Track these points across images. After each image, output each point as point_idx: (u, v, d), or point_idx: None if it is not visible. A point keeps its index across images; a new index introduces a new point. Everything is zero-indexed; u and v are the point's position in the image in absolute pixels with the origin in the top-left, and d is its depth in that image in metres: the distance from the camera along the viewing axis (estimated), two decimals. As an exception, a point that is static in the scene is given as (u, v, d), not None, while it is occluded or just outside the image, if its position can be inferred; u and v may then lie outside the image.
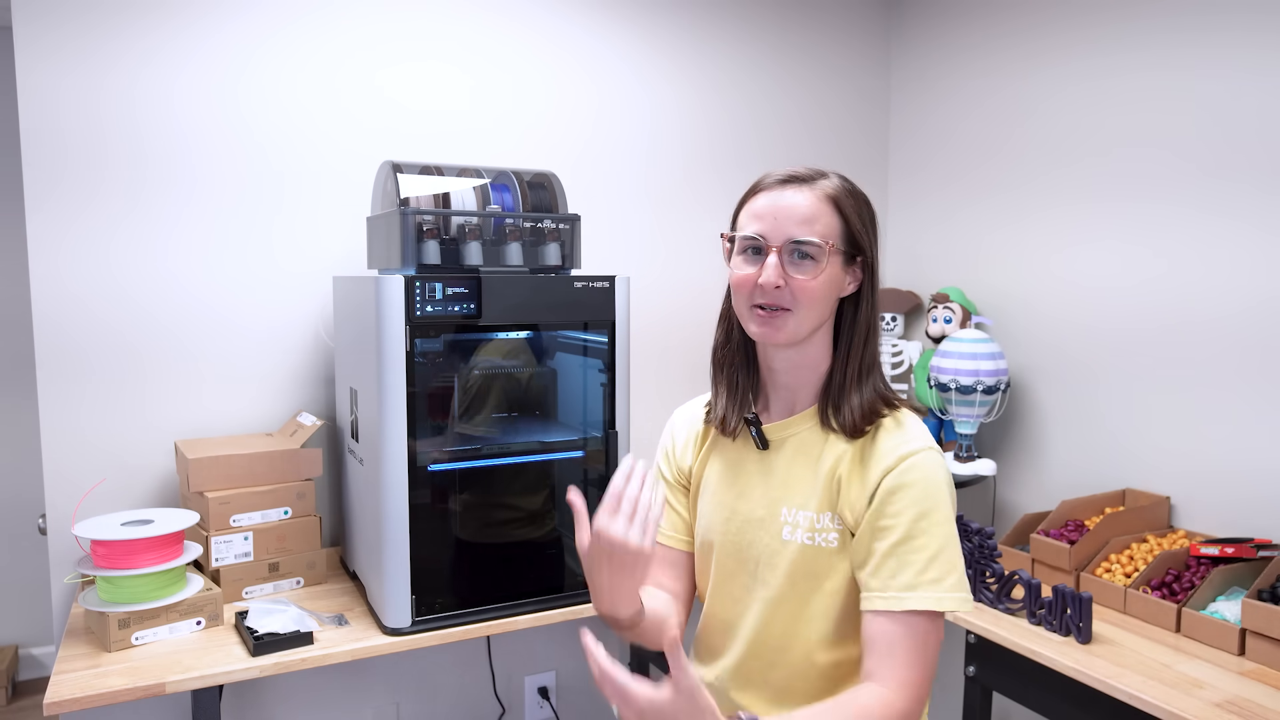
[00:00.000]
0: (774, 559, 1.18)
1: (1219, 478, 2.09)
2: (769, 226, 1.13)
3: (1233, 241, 2.04)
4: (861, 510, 1.12)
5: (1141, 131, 2.21)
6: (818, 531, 1.15)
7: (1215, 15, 2.05)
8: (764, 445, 1.21)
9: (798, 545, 1.16)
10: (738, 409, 1.24)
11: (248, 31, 2.14)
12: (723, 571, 1.24)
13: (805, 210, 1.12)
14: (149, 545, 1.75)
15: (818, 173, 1.16)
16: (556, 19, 2.47)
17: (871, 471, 1.13)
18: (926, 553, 1.08)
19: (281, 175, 2.20)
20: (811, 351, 1.19)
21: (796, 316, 1.13)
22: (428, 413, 1.89)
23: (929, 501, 1.10)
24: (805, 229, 1.11)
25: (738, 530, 1.22)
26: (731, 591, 1.23)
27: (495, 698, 2.52)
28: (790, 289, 1.12)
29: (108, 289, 2.05)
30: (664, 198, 2.65)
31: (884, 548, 1.09)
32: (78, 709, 1.55)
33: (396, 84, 2.30)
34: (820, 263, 1.12)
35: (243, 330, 2.19)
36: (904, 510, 1.10)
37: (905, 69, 2.92)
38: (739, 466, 1.24)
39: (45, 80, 1.96)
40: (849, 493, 1.14)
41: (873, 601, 1.09)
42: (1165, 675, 1.65)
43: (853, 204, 1.15)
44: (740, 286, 1.16)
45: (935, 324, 2.60)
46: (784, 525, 1.18)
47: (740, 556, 1.22)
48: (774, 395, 1.23)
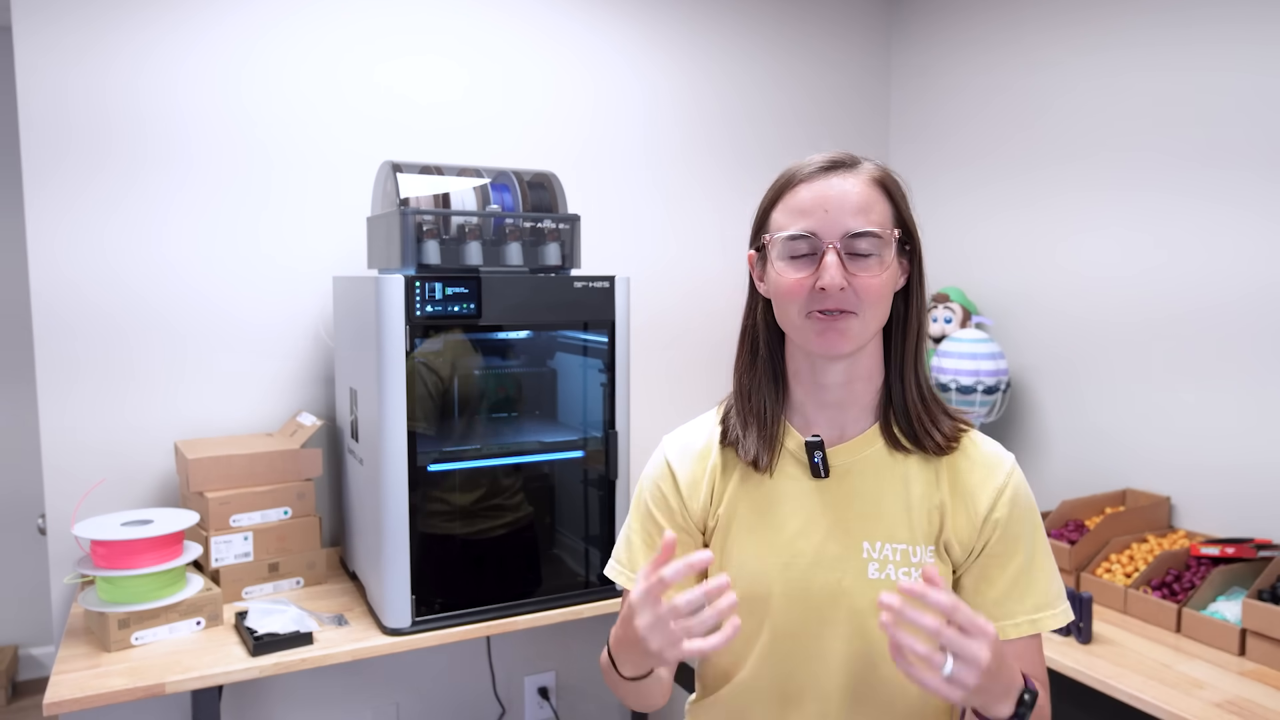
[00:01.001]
0: (858, 603, 1.03)
1: (1219, 478, 2.09)
2: (820, 221, 0.99)
3: (1235, 230, 2.04)
4: (970, 537, 1.04)
5: (1143, 121, 2.21)
6: (914, 566, 1.03)
7: (1216, 6, 2.05)
8: (825, 472, 1.06)
9: (891, 584, 1.02)
10: (769, 439, 1.08)
11: (247, 27, 2.14)
12: (784, 630, 1.06)
13: (858, 198, 1.00)
14: (149, 545, 1.75)
15: (855, 157, 1.04)
16: (555, 14, 2.48)
17: (979, 495, 1.04)
18: (1046, 573, 1.05)
19: (285, 174, 2.19)
20: (866, 361, 1.06)
21: (862, 319, 1.00)
22: (428, 413, 1.89)
23: (1035, 517, 1.06)
24: (862, 219, 0.99)
25: (803, 575, 1.05)
26: (795, 648, 1.06)
27: (495, 698, 2.52)
28: (854, 289, 0.99)
29: (105, 278, 2.04)
30: (665, 189, 2.65)
31: (1012, 574, 1.03)
32: (78, 709, 1.55)
33: (396, 79, 2.30)
34: (882, 256, 1.00)
35: (243, 330, 2.18)
36: (1023, 533, 1.04)
37: (905, 66, 2.91)
38: (785, 500, 1.07)
39: (46, 78, 1.96)
40: (955, 520, 1.04)
41: (1006, 631, 1.02)
42: (1165, 675, 1.65)
43: (898, 186, 1.04)
44: (793, 294, 1.01)
45: (935, 324, 2.60)
46: (869, 563, 1.03)
47: (810, 606, 1.04)
48: (817, 417, 1.08)
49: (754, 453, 1.07)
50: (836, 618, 1.04)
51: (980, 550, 1.04)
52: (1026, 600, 1.03)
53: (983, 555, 1.04)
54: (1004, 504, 1.03)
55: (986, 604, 1.04)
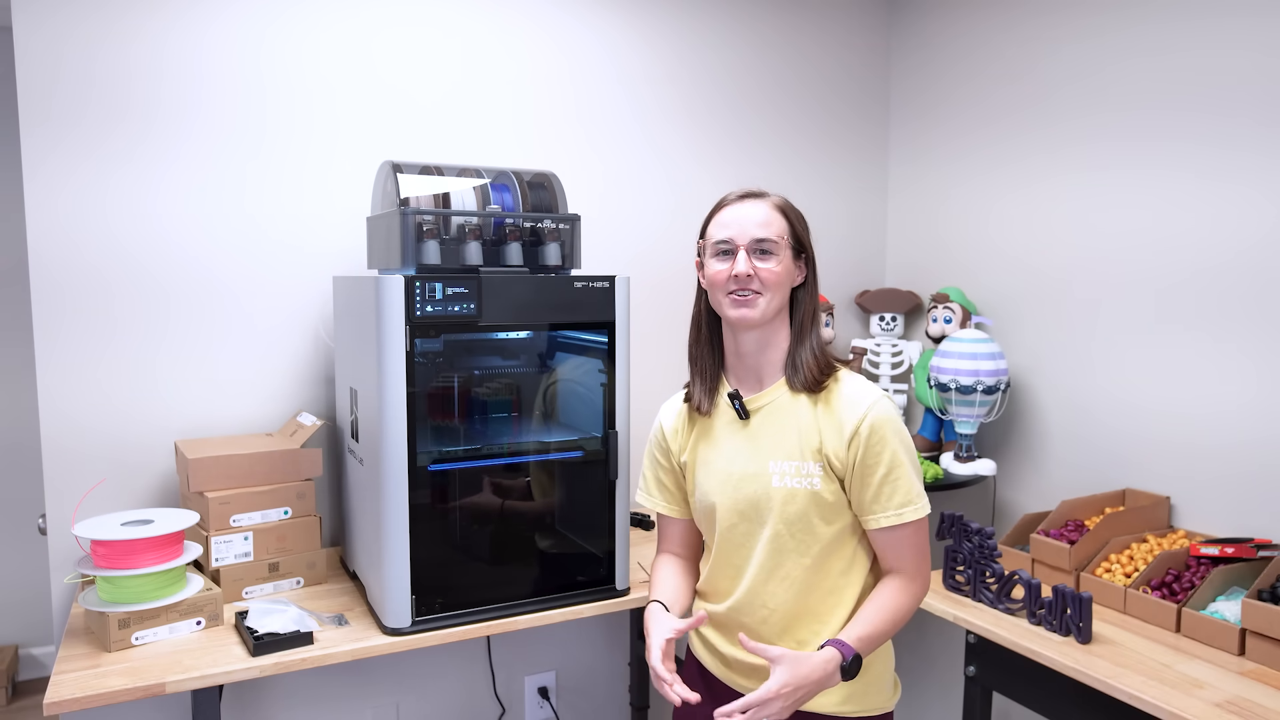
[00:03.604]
0: (768, 503, 1.46)
1: (1219, 478, 2.09)
2: (736, 231, 1.45)
3: (1238, 218, 2.04)
4: (843, 452, 1.43)
5: (1146, 89, 2.21)
6: (802, 476, 1.45)
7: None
8: (745, 415, 1.51)
9: (787, 489, 1.45)
10: (709, 391, 1.55)
11: (246, 25, 2.14)
12: (725, 524, 1.51)
13: (762, 216, 1.45)
14: (149, 545, 1.75)
15: (764, 191, 1.49)
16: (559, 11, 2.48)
17: (844, 420, 1.43)
18: (906, 479, 1.43)
19: (285, 174, 2.20)
20: (774, 334, 1.49)
21: (765, 298, 1.44)
22: (428, 413, 1.89)
23: (897, 438, 1.43)
24: (764, 229, 1.44)
25: (734, 488, 1.50)
26: (734, 539, 1.51)
27: (495, 698, 2.52)
28: (758, 277, 1.43)
29: (103, 270, 2.05)
30: (671, 176, 2.66)
31: (878, 479, 1.42)
32: (78, 709, 1.55)
33: (397, 78, 2.30)
34: (778, 255, 1.44)
35: (243, 331, 2.18)
36: (884, 448, 1.42)
37: (905, 57, 2.92)
38: (724, 438, 1.53)
39: (53, 57, 1.96)
40: (827, 439, 1.44)
41: (879, 521, 1.43)
42: (1165, 675, 1.65)
43: (795, 212, 1.49)
44: (716, 280, 1.47)
45: (935, 324, 2.60)
46: (773, 475, 1.46)
47: (739, 509, 1.50)
48: (742, 375, 1.53)
49: (698, 401, 1.55)
50: (757, 516, 1.48)
51: (854, 463, 1.43)
52: (894, 499, 1.42)
53: (856, 466, 1.43)
54: (866, 425, 1.42)
55: (864, 502, 1.44)
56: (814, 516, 1.44)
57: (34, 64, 1.94)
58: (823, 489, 1.43)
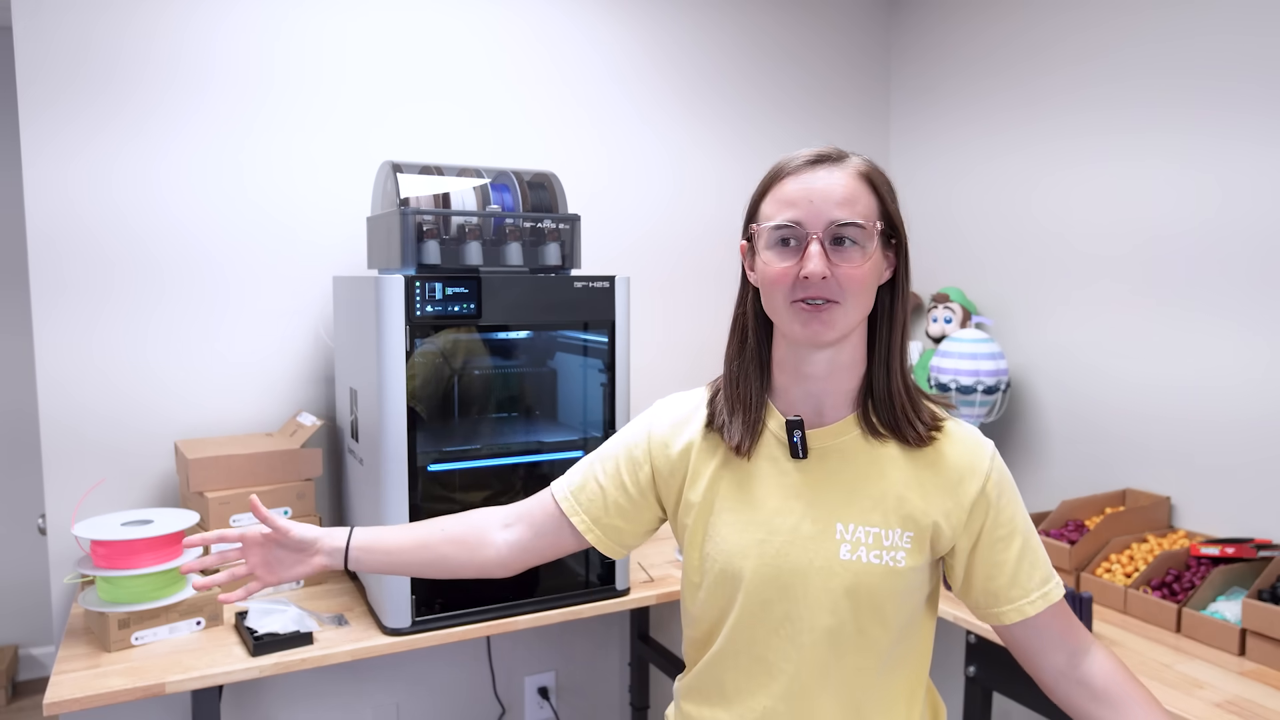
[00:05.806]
0: (829, 580, 1.05)
1: (1219, 478, 2.09)
2: (805, 212, 1.02)
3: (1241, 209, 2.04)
4: (960, 520, 1.07)
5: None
6: (884, 548, 1.05)
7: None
8: (803, 454, 1.08)
9: (860, 564, 1.05)
10: (751, 425, 1.10)
11: (243, 21, 2.14)
12: (755, 600, 1.08)
13: (843, 190, 1.02)
14: (149, 545, 1.74)
15: (842, 151, 1.06)
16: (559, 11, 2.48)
17: (962, 475, 1.07)
18: (1038, 547, 1.10)
19: (285, 174, 2.19)
20: (849, 351, 1.08)
21: (845, 309, 1.02)
22: (427, 413, 1.89)
23: (1019, 497, 1.11)
24: (847, 210, 1.01)
25: (777, 552, 1.07)
26: (766, 622, 1.08)
27: (495, 698, 2.52)
28: (836, 279, 1.01)
29: (103, 263, 2.05)
30: (677, 162, 2.66)
31: (1014, 555, 1.08)
32: (78, 709, 1.55)
33: (399, 77, 2.30)
34: (865, 247, 1.02)
35: (243, 331, 2.18)
36: (1014, 514, 1.09)
37: (905, 68, 2.92)
38: (765, 479, 1.10)
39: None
40: (933, 501, 1.06)
41: (1024, 610, 1.08)
42: (1165, 675, 1.65)
43: (884, 181, 1.06)
44: (778, 281, 1.03)
45: (935, 324, 2.60)
46: (842, 544, 1.06)
47: (781, 581, 1.07)
48: (795, 402, 1.10)
49: (738, 439, 1.10)
50: (807, 595, 1.06)
51: (978, 534, 1.08)
52: (1035, 575, 1.08)
53: (982, 541, 1.08)
54: (993, 486, 1.07)
55: (996, 590, 1.08)
56: (888, 604, 1.06)
57: (45, 38, 1.94)
58: (907, 567, 1.06)
